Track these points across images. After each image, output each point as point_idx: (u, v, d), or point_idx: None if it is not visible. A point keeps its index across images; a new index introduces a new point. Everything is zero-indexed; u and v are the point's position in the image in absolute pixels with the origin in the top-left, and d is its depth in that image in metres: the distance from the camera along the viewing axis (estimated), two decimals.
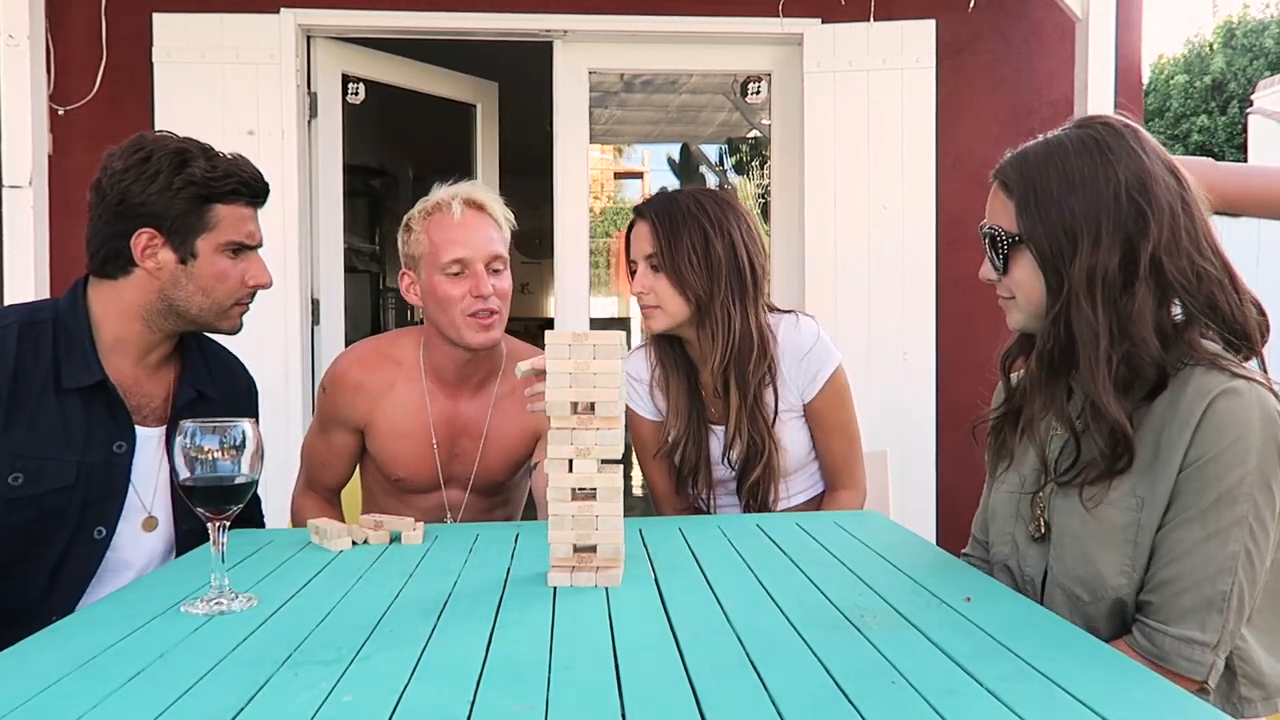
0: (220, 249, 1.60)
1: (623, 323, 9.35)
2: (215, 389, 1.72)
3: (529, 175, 4.77)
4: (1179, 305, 1.22)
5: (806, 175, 3.64)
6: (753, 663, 0.95)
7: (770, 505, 1.96)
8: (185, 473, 1.16)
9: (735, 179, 9.46)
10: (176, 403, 1.67)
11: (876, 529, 1.61)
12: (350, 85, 3.81)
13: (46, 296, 2.90)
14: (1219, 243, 1.22)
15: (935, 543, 1.63)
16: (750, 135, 7.62)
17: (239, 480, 1.18)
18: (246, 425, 1.19)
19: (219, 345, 1.81)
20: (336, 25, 3.62)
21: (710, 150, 9.52)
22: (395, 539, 1.54)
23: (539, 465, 1.88)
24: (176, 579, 1.31)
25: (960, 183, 3.63)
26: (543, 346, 1.28)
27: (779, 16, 3.65)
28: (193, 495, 1.17)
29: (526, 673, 0.93)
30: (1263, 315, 1.23)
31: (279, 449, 1.68)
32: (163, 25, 3.45)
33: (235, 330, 1.69)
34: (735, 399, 1.91)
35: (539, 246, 8.18)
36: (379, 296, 6.84)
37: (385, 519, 1.55)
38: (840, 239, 3.63)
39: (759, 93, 3.93)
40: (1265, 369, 1.21)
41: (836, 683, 0.89)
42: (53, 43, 3.32)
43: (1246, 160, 10.61)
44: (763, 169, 7.79)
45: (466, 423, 1.96)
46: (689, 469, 1.98)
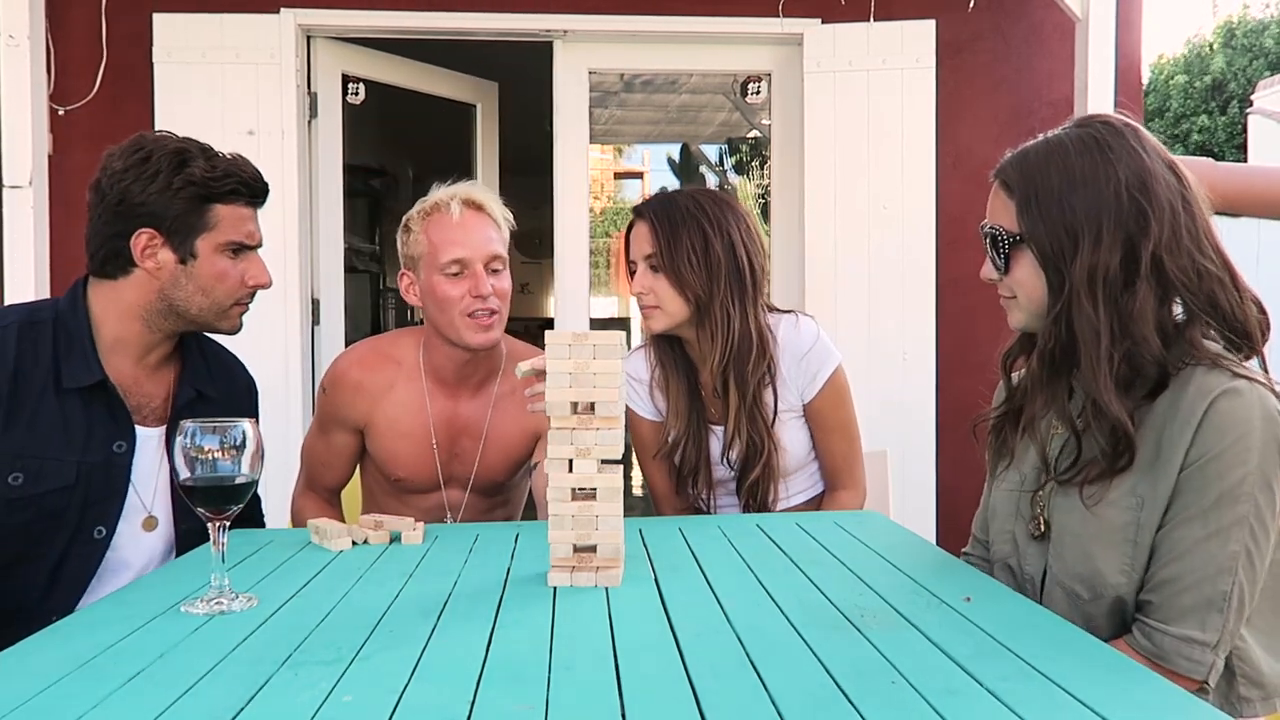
0: (220, 249, 1.61)
1: (623, 323, 9.33)
2: (215, 389, 1.72)
3: (529, 175, 4.77)
4: (1180, 304, 1.22)
5: (806, 175, 3.64)
6: (753, 663, 0.95)
7: (770, 505, 1.96)
8: (185, 473, 1.16)
9: (735, 179, 9.45)
10: (176, 402, 1.67)
11: (876, 529, 1.61)
12: (350, 85, 3.81)
13: (46, 296, 2.90)
14: (1219, 241, 1.22)
15: (935, 543, 1.63)
16: (750, 135, 7.62)
17: (239, 480, 1.18)
18: (246, 425, 1.19)
19: (219, 345, 1.81)
20: (336, 25, 3.63)
21: (710, 150, 9.52)
22: (395, 539, 1.54)
23: (539, 465, 1.88)
24: (176, 579, 1.31)
25: (960, 183, 3.63)
26: (543, 346, 1.28)
27: (779, 16, 3.65)
28: (193, 495, 1.18)
29: (526, 673, 0.93)
30: (1263, 313, 1.23)
31: (279, 449, 1.68)
32: (163, 25, 3.45)
33: (235, 330, 1.69)
34: (734, 399, 1.91)
35: (539, 246, 8.18)
36: (379, 296, 6.84)
37: (385, 519, 1.56)
38: (840, 239, 3.63)
39: (759, 93, 3.93)
40: (1266, 368, 1.21)
41: (836, 683, 0.89)
42: (53, 43, 3.32)
43: (1246, 160, 10.61)
44: (763, 169, 7.79)
45: (466, 423, 1.96)
46: (689, 469, 1.98)
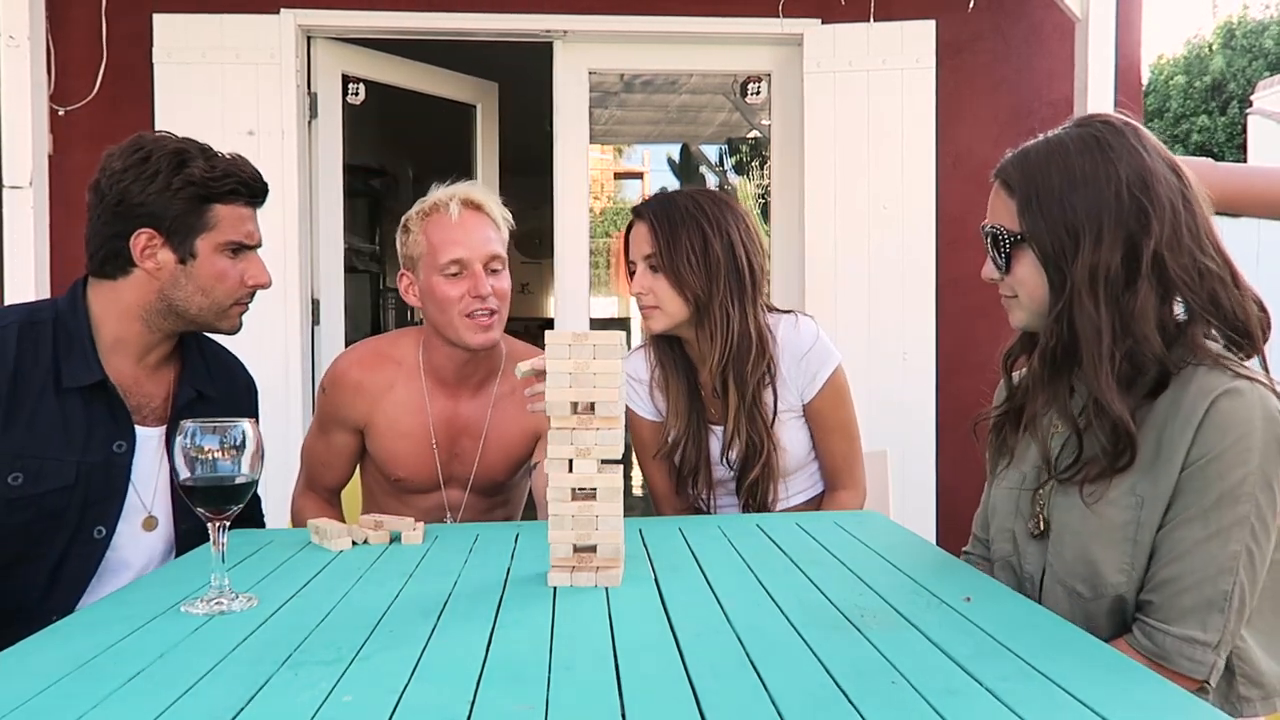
0: (219, 249, 1.60)
1: (623, 323, 9.33)
2: (215, 389, 1.72)
3: (529, 175, 4.76)
4: (1181, 303, 1.22)
5: (806, 175, 3.64)
6: (753, 663, 0.95)
7: (769, 505, 1.96)
8: (185, 473, 1.16)
9: (735, 179, 9.45)
10: (176, 402, 1.67)
11: (876, 529, 1.60)
12: (350, 85, 3.81)
13: (46, 296, 2.90)
14: (1220, 240, 1.22)
15: (935, 543, 1.63)
16: (750, 135, 7.62)
17: (239, 480, 1.18)
18: (246, 425, 1.19)
19: (219, 345, 1.81)
20: (336, 25, 3.63)
21: (710, 150, 9.52)
22: (395, 539, 1.54)
23: (539, 465, 1.88)
24: (176, 579, 1.31)
25: (960, 183, 3.62)
26: (543, 346, 1.28)
27: (779, 17, 3.64)
28: (193, 495, 1.17)
29: (526, 673, 0.93)
30: (1264, 312, 1.23)
31: (279, 449, 1.68)
32: (163, 25, 3.45)
33: (235, 330, 1.69)
34: (734, 399, 1.91)
35: (539, 246, 8.18)
36: (379, 296, 6.84)
37: (385, 519, 1.55)
38: (840, 239, 3.63)
39: (759, 93, 3.93)
40: (1267, 367, 1.21)
41: (836, 683, 0.89)
42: (53, 43, 3.32)
43: (1246, 160, 10.61)
44: (763, 169, 7.79)
45: (466, 423, 1.96)
46: (689, 469, 1.98)
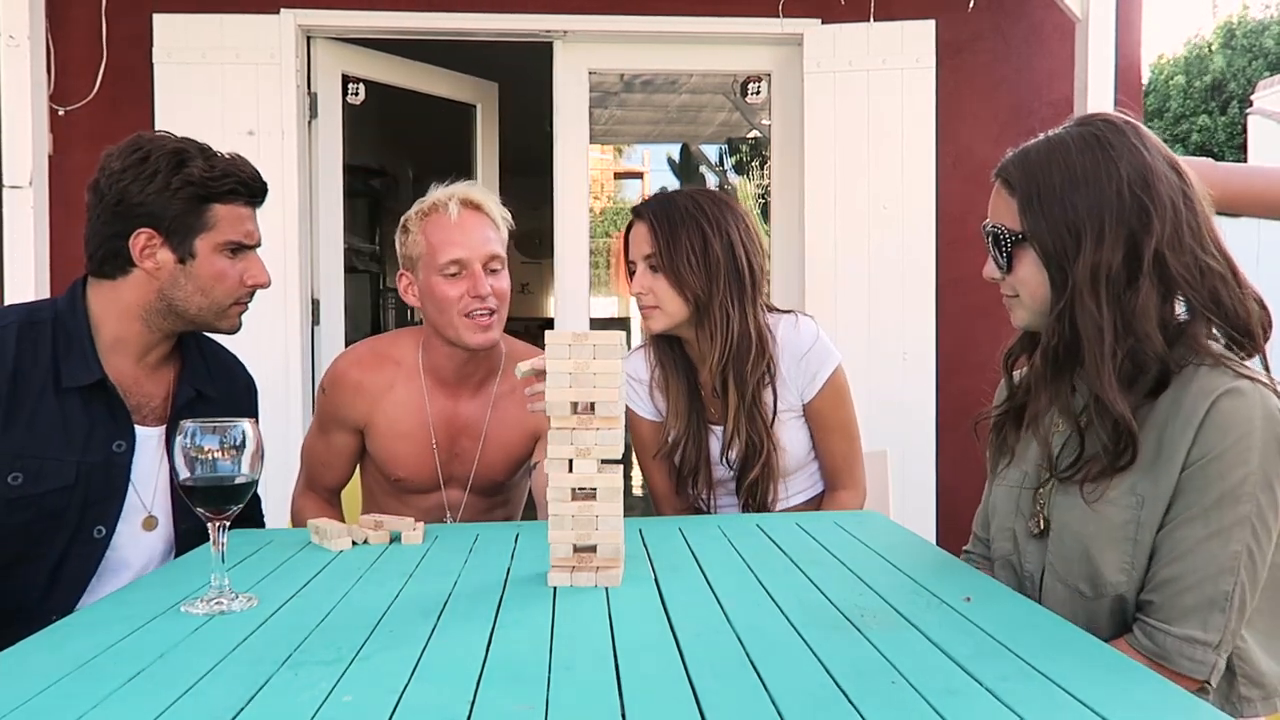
0: (219, 249, 1.60)
1: (623, 323, 9.33)
2: (215, 388, 1.72)
3: (529, 175, 4.76)
4: (1183, 302, 1.22)
5: (806, 175, 3.64)
6: (753, 663, 0.95)
7: (769, 505, 1.96)
8: (185, 473, 1.16)
9: (735, 179, 9.45)
10: (176, 402, 1.67)
11: (876, 529, 1.60)
12: (350, 85, 3.81)
13: (46, 296, 2.90)
14: (1221, 238, 1.22)
15: (935, 543, 1.63)
16: (750, 135, 7.62)
17: (239, 480, 1.18)
18: (246, 425, 1.19)
19: (218, 345, 1.81)
20: (336, 25, 3.62)
21: (710, 150, 9.52)
22: (395, 539, 1.54)
23: (539, 465, 1.88)
24: (176, 579, 1.31)
25: (960, 183, 3.62)
26: (543, 346, 1.28)
27: (779, 17, 3.64)
28: (193, 495, 1.17)
29: (526, 673, 0.93)
30: (1265, 310, 1.22)
31: (279, 449, 1.68)
32: (163, 26, 3.45)
33: (234, 330, 1.69)
34: (734, 399, 1.90)
35: (539, 246, 8.17)
36: (379, 296, 6.84)
37: (385, 519, 1.55)
38: (840, 239, 3.63)
39: (759, 93, 3.93)
40: (1267, 367, 1.21)
41: (836, 683, 0.89)
42: (53, 43, 3.32)
43: (1246, 160, 10.61)
44: (763, 169, 7.79)
45: (466, 423, 1.96)
46: (689, 469, 1.98)
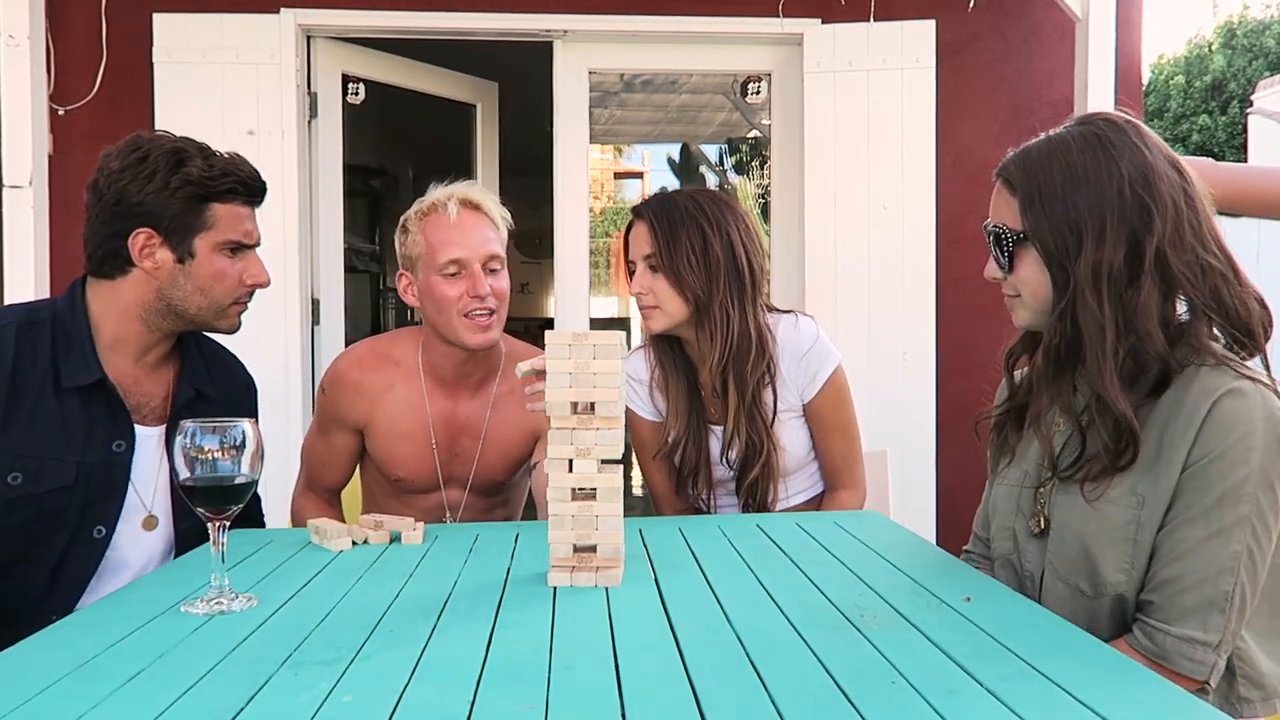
0: (218, 248, 1.60)
1: (623, 323, 9.33)
2: (214, 388, 1.72)
3: (529, 175, 4.76)
4: (1184, 301, 1.22)
5: (806, 175, 3.64)
6: (753, 663, 0.95)
7: (769, 505, 1.96)
8: (185, 473, 1.16)
9: (735, 179, 9.45)
10: (176, 402, 1.67)
11: (876, 529, 1.60)
12: (350, 85, 3.81)
13: (46, 296, 2.90)
14: (1222, 237, 1.22)
15: (935, 543, 1.63)
16: (750, 135, 7.62)
17: (239, 480, 1.18)
18: (246, 425, 1.19)
19: (218, 344, 1.81)
20: (336, 25, 3.62)
21: (710, 150, 9.52)
22: (395, 539, 1.54)
23: (539, 465, 1.88)
24: (176, 579, 1.31)
25: (960, 182, 3.62)
26: (543, 346, 1.28)
27: (779, 16, 3.64)
28: (193, 495, 1.17)
29: (526, 673, 0.93)
30: (1265, 309, 1.22)
31: (279, 449, 1.68)
32: (163, 25, 3.45)
33: (234, 330, 1.69)
34: (734, 399, 1.90)
35: (539, 246, 8.18)
36: (379, 296, 6.84)
37: (385, 519, 1.55)
38: (840, 239, 3.63)
39: (759, 93, 3.93)
40: (1268, 367, 1.21)
41: (836, 683, 0.89)
42: (53, 43, 3.32)
43: (1246, 160, 10.61)
44: (763, 169, 7.79)
45: (466, 422, 1.96)
46: (689, 469, 1.98)
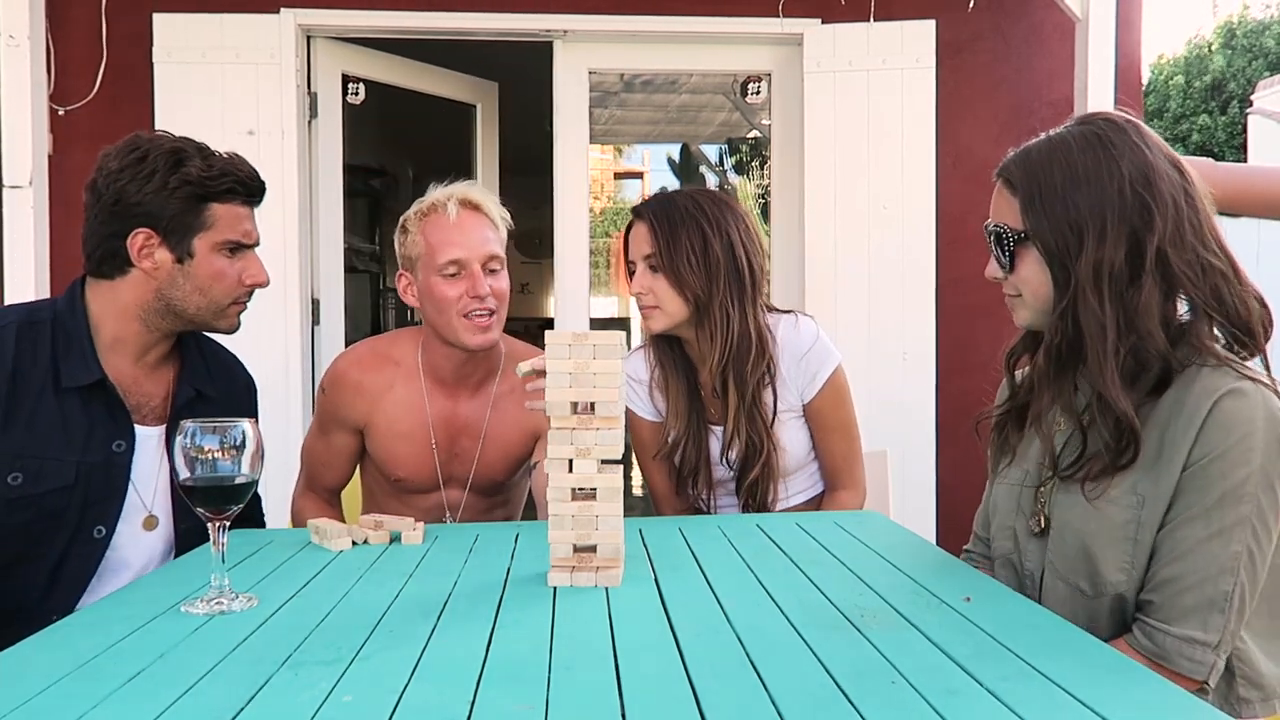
0: (217, 248, 1.60)
1: (623, 323, 9.33)
2: (214, 388, 1.72)
3: (529, 175, 4.76)
4: (1185, 301, 1.22)
5: (806, 175, 3.64)
6: (753, 663, 0.95)
7: (769, 505, 1.96)
8: (185, 473, 1.16)
9: (735, 179, 9.45)
10: (176, 402, 1.67)
11: (876, 529, 1.60)
12: (350, 85, 3.81)
13: (46, 296, 2.90)
14: (1223, 236, 1.22)
15: (935, 543, 1.63)
16: (750, 135, 7.62)
17: (239, 480, 1.18)
18: (246, 425, 1.19)
19: (218, 344, 1.81)
20: (336, 25, 3.62)
21: (710, 150, 9.52)
22: (395, 539, 1.54)
23: (539, 465, 1.88)
24: (176, 579, 1.31)
25: (960, 182, 3.62)
26: (543, 346, 1.28)
27: (779, 16, 3.64)
28: (193, 495, 1.17)
29: (526, 673, 0.93)
30: (1265, 309, 1.22)
31: (279, 449, 1.68)
32: (163, 25, 3.45)
33: (233, 329, 1.69)
34: (734, 399, 1.90)
35: (539, 246, 8.18)
36: (379, 296, 6.84)
37: (385, 519, 1.55)
38: (840, 239, 3.63)
39: (759, 93, 3.93)
40: (1268, 367, 1.21)
41: (836, 683, 0.89)
42: (53, 43, 3.32)
43: (1246, 160, 10.61)
44: (763, 169, 7.79)
45: (466, 423, 1.96)
46: (689, 469, 1.98)
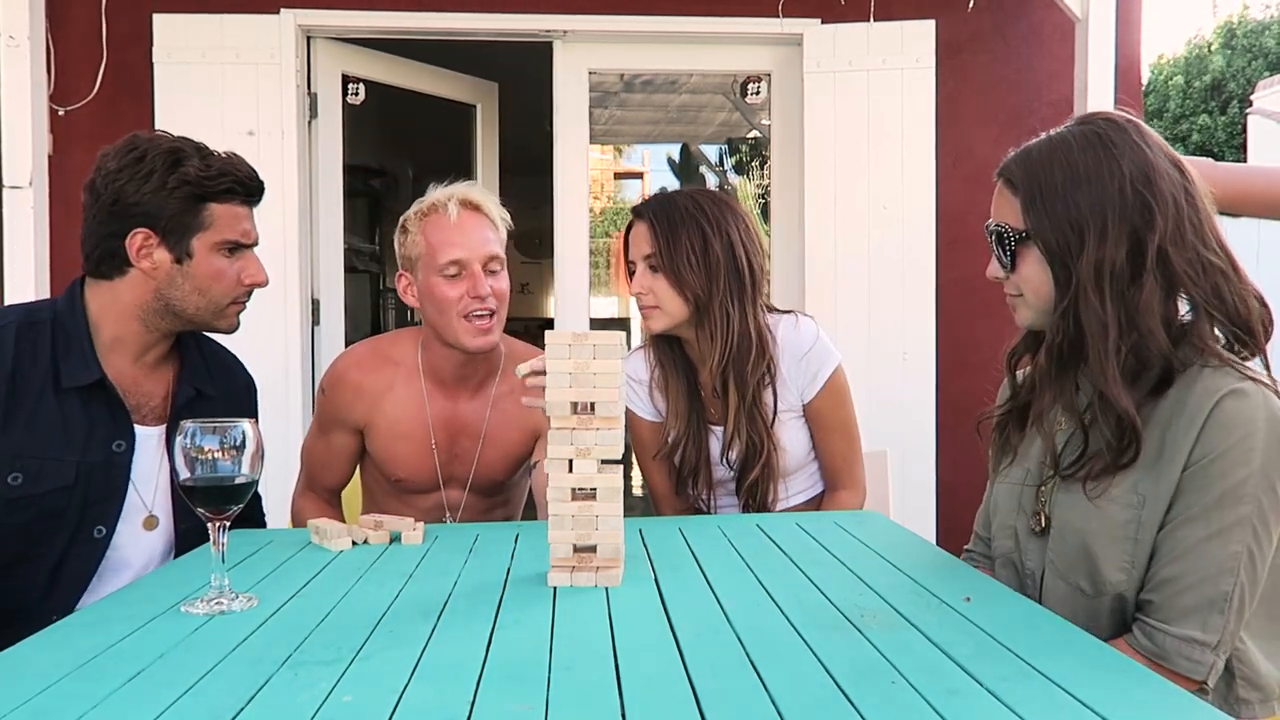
0: (216, 248, 1.60)
1: (623, 323, 9.32)
2: (214, 387, 1.72)
3: (529, 175, 4.76)
4: (1186, 301, 1.22)
5: (806, 175, 3.64)
6: (753, 663, 0.95)
7: (769, 505, 1.96)
8: (185, 473, 1.16)
9: (735, 179, 9.45)
10: (176, 401, 1.67)
11: (876, 529, 1.60)
12: (350, 85, 3.81)
13: (46, 296, 2.90)
14: (1223, 234, 1.23)
15: (935, 543, 1.63)
16: (750, 135, 7.62)
17: (239, 480, 1.18)
18: (246, 425, 1.19)
19: (218, 344, 1.81)
20: (336, 25, 3.63)
21: (710, 150, 9.52)
22: (395, 539, 1.54)
23: (539, 464, 1.88)
24: (176, 579, 1.31)
25: (960, 183, 3.62)
26: (543, 346, 1.28)
27: (779, 16, 3.64)
28: (193, 495, 1.17)
29: (526, 673, 0.93)
30: (1265, 307, 1.22)
31: (279, 449, 1.68)
32: (163, 25, 3.45)
33: (232, 329, 1.69)
34: (734, 399, 1.90)
35: (539, 246, 8.18)
36: (379, 296, 6.84)
37: (385, 519, 1.55)
38: (840, 239, 3.63)
39: (759, 93, 3.93)
40: (1268, 367, 1.21)
41: (836, 683, 0.89)
42: (53, 43, 3.32)
43: (1246, 160, 10.61)
44: (763, 169, 7.79)
45: (465, 423, 1.96)
46: (689, 470, 1.98)
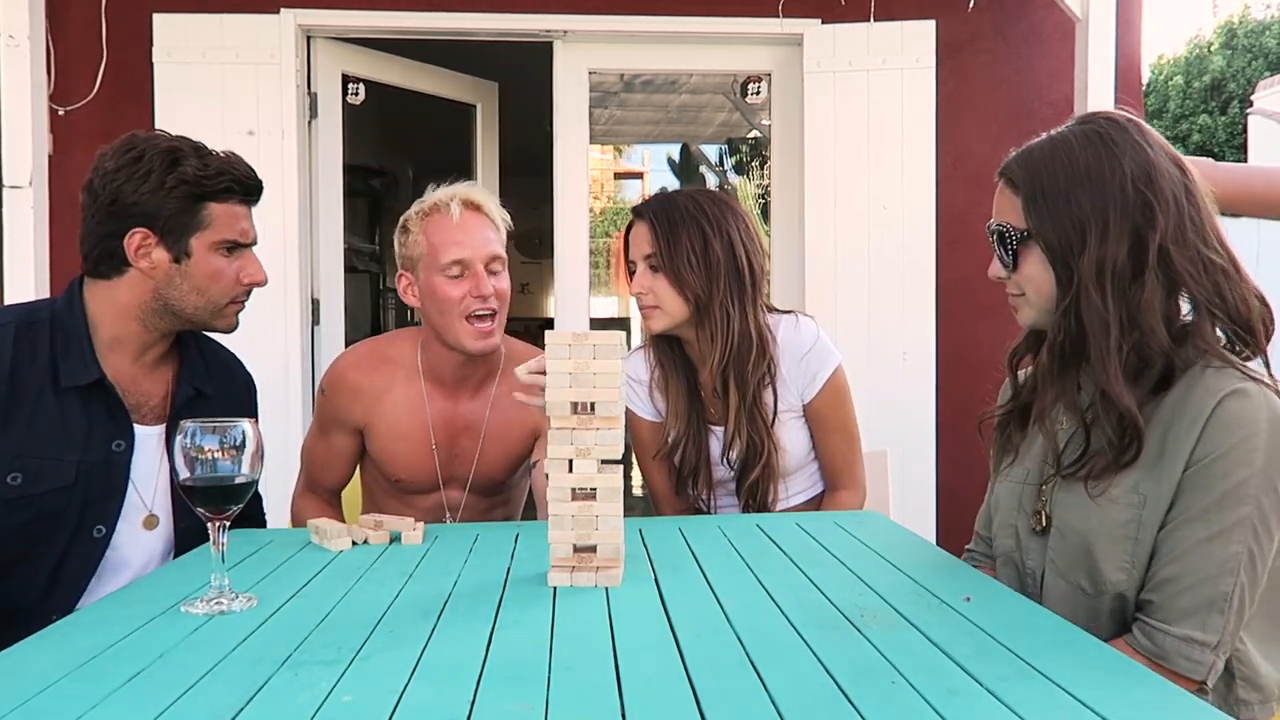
0: (214, 247, 1.60)
1: (623, 323, 9.33)
2: (214, 387, 1.72)
3: (529, 175, 4.77)
4: (1187, 300, 1.22)
5: (806, 175, 3.64)
6: (753, 663, 0.95)
7: (769, 505, 1.96)
8: (185, 473, 1.17)
9: (735, 179, 9.45)
10: (175, 401, 1.67)
11: (876, 529, 1.60)
12: (350, 85, 3.81)
13: (46, 296, 2.90)
14: (1224, 233, 1.23)
15: (935, 543, 1.63)
16: (750, 135, 7.62)
17: (239, 480, 1.18)
18: (246, 425, 1.19)
19: (217, 344, 1.81)
20: (336, 25, 3.63)
21: (710, 150, 9.52)
22: (395, 539, 1.54)
23: (539, 464, 1.88)
24: (176, 579, 1.31)
25: (960, 183, 3.62)
26: (543, 346, 1.28)
27: (779, 17, 3.64)
28: (193, 495, 1.18)
29: (526, 673, 0.93)
30: (1265, 306, 1.23)
31: (279, 449, 1.68)
32: (163, 25, 3.45)
33: (231, 329, 1.69)
34: (734, 399, 1.90)
35: (539, 246, 8.18)
36: (379, 296, 6.84)
37: (385, 519, 1.55)
38: (840, 239, 3.63)
39: (759, 93, 3.93)
40: (1269, 367, 1.21)
41: (836, 683, 0.89)
42: (53, 43, 3.32)
43: (1246, 160, 10.61)
44: (763, 169, 7.79)
45: (465, 423, 1.96)
46: (689, 470, 1.98)
